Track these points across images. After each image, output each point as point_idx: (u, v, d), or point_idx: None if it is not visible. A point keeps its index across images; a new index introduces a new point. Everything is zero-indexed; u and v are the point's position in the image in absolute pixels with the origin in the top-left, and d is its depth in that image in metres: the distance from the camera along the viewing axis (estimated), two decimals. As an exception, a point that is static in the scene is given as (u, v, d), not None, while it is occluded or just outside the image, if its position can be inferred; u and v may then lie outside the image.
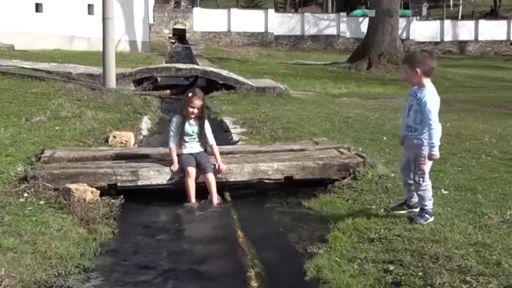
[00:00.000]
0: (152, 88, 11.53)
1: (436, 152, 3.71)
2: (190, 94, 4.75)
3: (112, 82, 10.67)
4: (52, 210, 4.15)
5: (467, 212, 4.13)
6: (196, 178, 4.70)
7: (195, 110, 4.75)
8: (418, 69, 3.72)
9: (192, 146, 4.89)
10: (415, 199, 4.02)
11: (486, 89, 17.27)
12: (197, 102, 4.73)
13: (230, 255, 3.63)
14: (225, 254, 3.68)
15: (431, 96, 3.73)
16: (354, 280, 3.10)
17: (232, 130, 7.71)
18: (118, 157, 5.17)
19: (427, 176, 3.84)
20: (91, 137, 6.56)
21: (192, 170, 4.67)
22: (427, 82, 3.77)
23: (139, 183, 4.71)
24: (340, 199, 4.68)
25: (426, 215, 3.90)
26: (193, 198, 4.63)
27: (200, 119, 4.83)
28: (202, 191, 4.71)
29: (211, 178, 4.70)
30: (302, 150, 5.64)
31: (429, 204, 3.90)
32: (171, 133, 4.84)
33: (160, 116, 9.20)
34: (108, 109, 8.71)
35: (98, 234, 3.91)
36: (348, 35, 38.00)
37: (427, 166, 3.81)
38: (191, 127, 4.84)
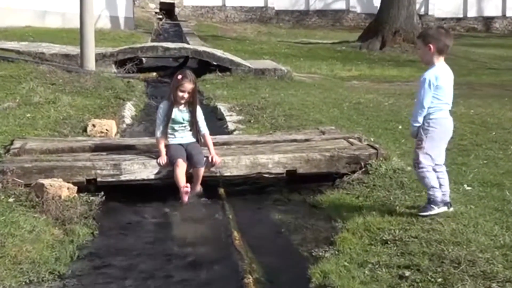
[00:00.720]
0: (136, 70, 11.48)
1: (411, 129, 4.07)
2: (179, 77, 4.75)
3: (90, 63, 10.59)
4: (23, 209, 4.16)
5: (493, 211, 4.15)
6: (186, 171, 4.73)
7: (186, 95, 4.76)
8: (431, 45, 3.85)
9: (182, 136, 4.90)
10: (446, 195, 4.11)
11: (515, 72, 17.20)
12: (188, 86, 4.73)
13: (225, 259, 3.65)
14: (219, 258, 3.70)
15: (434, 73, 3.89)
16: (365, 288, 3.10)
17: (227, 118, 7.72)
18: (98, 148, 5.18)
19: (421, 160, 3.98)
20: (67, 126, 6.58)
21: (181, 162, 4.68)
22: (438, 60, 3.92)
23: (122, 178, 4.71)
24: (349, 195, 4.71)
25: (431, 205, 4.01)
26: (183, 182, 4.64)
27: (191, 105, 4.84)
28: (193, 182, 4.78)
29: (201, 173, 4.75)
30: (306, 140, 5.67)
31: (434, 193, 4.00)
32: (158, 121, 4.84)
33: (145, 102, 9.22)
34: (86, 94, 8.70)
35: (75, 236, 3.91)
36: (358, 10, 37.79)
37: (422, 149, 3.97)
38: (181, 114, 4.85)
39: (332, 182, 5.09)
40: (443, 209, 4.03)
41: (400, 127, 7.19)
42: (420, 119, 3.97)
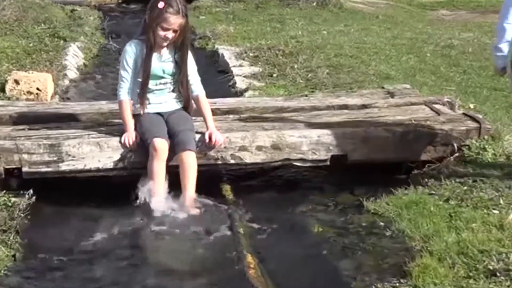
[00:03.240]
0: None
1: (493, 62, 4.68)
2: (162, 5, 4.66)
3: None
4: None
5: None
6: (169, 158, 4.70)
7: (170, 35, 4.70)
8: None
9: (162, 100, 4.90)
10: None
11: None
12: (175, 21, 4.66)
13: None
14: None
15: None
16: None
17: (234, 70, 7.75)
18: (24, 119, 5.17)
19: None
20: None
21: (161, 143, 4.64)
22: None
23: (63, 167, 4.71)
24: (433, 197, 4.68)
25: None
26: (161, 190, 4.64)
27: (177, 50, 4.82)
28: (177, 179, 4.76)
29: (191, 160, 4.68)
30: (364, 107, 5.68)
31: None
32: (123, 74, 4.81)
33: (100, 44, 9.25)
34: (4, 31, 8.75)
35: (-15, 261, 3.88)
36: None
37: None
38: (160, 63, 4.81)
39: (406, 175, 5.13)
40: None
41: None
42: (504, 46, 4.31)
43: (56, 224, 4.52)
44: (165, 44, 4.75)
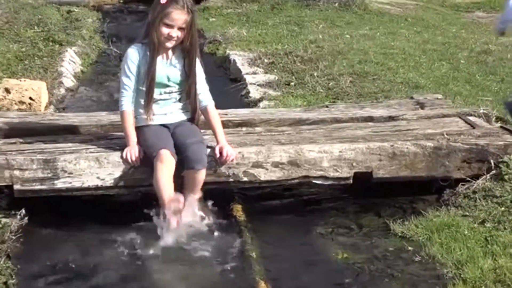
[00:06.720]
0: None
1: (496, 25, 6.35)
2: (164, 0, 4.63)
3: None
4: None
5: None
6: (175, 173, 4.62)
7: (175, 33, 4.62)
8: None
9: (167, 111, 4.84)
10: None
11: None
12: (179, 17, 4.59)
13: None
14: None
15: None
16: None
17: (247, 78, 7.72)
18: (16, 131, 5.15)
19: None
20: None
21: (168, 155, 4.55)
22: None
23: (59, 184, 4.66)
24: (467, 219, 4.67)
25: None
26: (170, 193, 4.58)
27: (185, 54, 4.74)
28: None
29: (200, 177, 4.66)
30: (391, 118, 5.67)
31: None
32: (125, 81, 4.73)
33: (100, 49, 9.28)
34: None
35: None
36: None
37: None
38: (165, 68, 4.74)
39: (437, 195, 5.11)
40: None
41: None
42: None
43: (51, 248, 4.42)
44: (170, 45, 4.67)
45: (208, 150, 4.71)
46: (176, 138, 4.69)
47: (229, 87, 7.57)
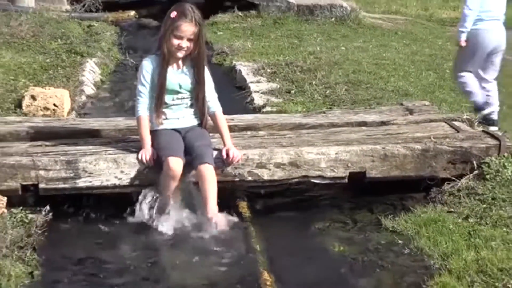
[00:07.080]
0: (103, 7, 11.54)
1: (458, 36, 6.81)
2: (174, 14, 4.73)
3: (29, -4, 10.59)
4: None
5: None
6: (188, 173, 4.74)
7: (184, 44, 4.72)
8: None
9: (179, 116, 4.92)
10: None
11: None
12: (188, 28, 4.69)
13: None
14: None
15: None
16: None
17: (252, 87, 7.75)
18: (41, 135, 5.19)
19: (460, 71, 6.69)
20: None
21: (176, 162, 4.63)
22: None
23: (80, 183, 4.74)
24: (452, 215, 4.71)
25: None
26: (172, 205, 4.72)
27: (194, 63, 4.83)
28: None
29: (211, 174, 4.67)
30: (383, 123, 5.71)
31: (473, 97, 6.69)
32: (141, 89, 4.83)
33: (117, 60, 9.25)
34: (21, 46, 8.76)
35: (4, 278, 3.84)
36: None
37: (460, 58, 6.72)
38: (176, 77, 4.84)
39: (425, 193, 5.14)
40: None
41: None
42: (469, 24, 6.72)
43: (73, 241, 4.52)
44: (181, 55, 4.77)
45: (216, 152, 4.77)
46: (186, 141, 4.77)
47: (235, 94, 7.60)
